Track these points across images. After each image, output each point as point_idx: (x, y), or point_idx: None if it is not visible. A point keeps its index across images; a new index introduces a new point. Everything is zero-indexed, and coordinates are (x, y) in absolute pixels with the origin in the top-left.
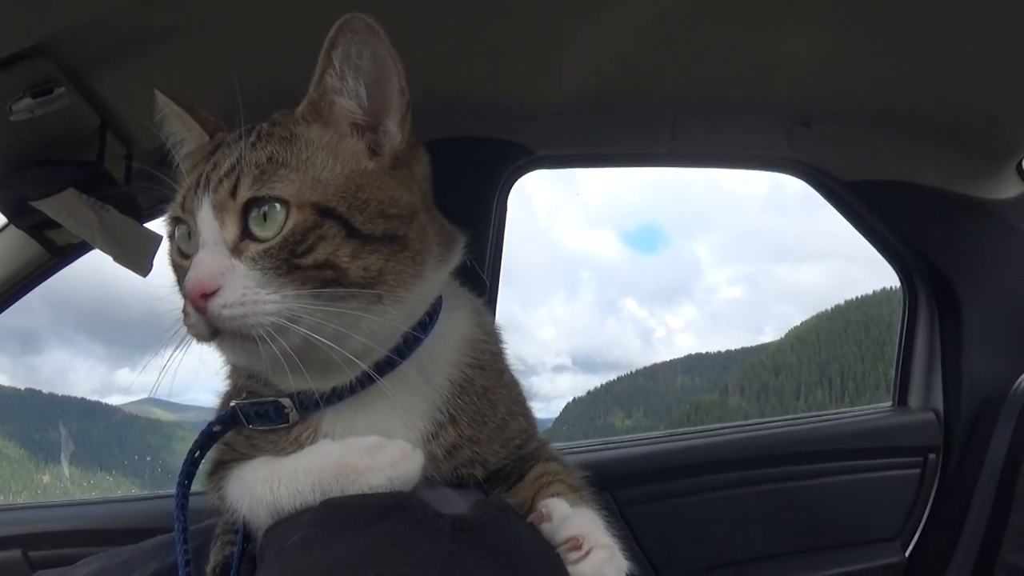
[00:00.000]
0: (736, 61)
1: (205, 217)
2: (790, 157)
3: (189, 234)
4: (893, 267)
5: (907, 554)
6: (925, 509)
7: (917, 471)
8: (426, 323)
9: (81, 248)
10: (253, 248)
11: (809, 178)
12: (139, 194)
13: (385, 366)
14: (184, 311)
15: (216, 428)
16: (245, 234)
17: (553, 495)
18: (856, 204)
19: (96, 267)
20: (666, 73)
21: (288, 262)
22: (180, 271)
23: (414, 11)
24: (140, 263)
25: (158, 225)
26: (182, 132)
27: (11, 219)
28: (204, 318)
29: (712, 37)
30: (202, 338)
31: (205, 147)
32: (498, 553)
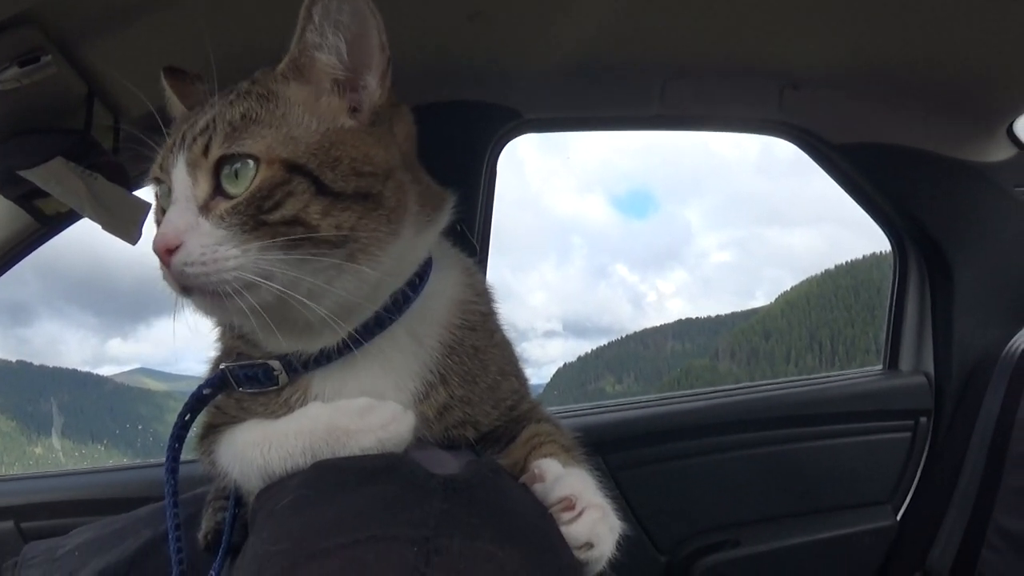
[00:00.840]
0: (726, 24)
1: (179, 175)
2: (780, 120)
3: (169, 192)
4: (884, 231)
5: (898, 517)
6: (916, 472)
7: (908, 435)
8: (416, 284)
9: (70, 217)
10: (223, 205)
11: (800, 141)
12: (127, 162)
13: (374, 327)
14: (159, 266)
15: (206, 391)
16: (218, 191)
17: (545, 456)
18: (847, 168)
19: (86, 237)
20: (656, 36)
21: (255, 218)
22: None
23: None
24: (129, 231)
25: (147, 193)
26: (173, 113)
27: None
28: (170, 274)
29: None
30: (176, 291)
31: (184, 114)
32: (491, 513)
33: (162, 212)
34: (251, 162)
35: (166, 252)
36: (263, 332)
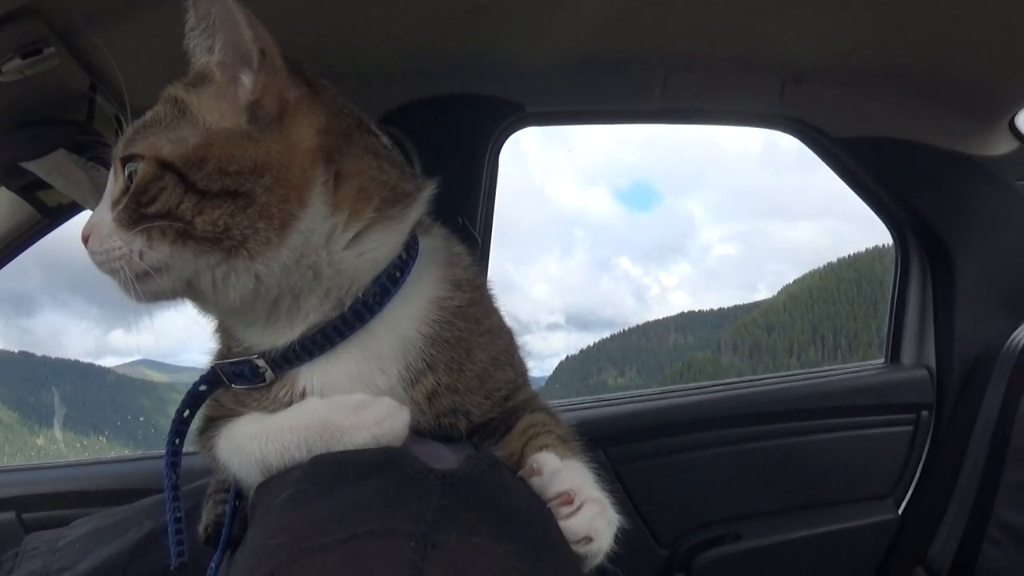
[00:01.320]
0: (728, 17)
1: (109, 176)
2: (782, 114)
3: None
4: (886, 224)
5: (900, 511)
6: (918, 466)
7: (910, 428)
8: (396, 277)
9: (72, 209)
10: (123, 200)
11: (802, 135)
12: None
13: (352, 320)
14: None
15: (202, 388)
16: (128, 189)
17: (542, 447)
18: (849, 161)
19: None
20: (658, 29)
21: (136, 211)
22: None
23: None
24: None
25: None
26: None
27: (1, 180)
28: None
29: None
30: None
31: None
32: (489, 508)
33: None
34: (142, 162)
35: (84, 241)
36: (235, 319)
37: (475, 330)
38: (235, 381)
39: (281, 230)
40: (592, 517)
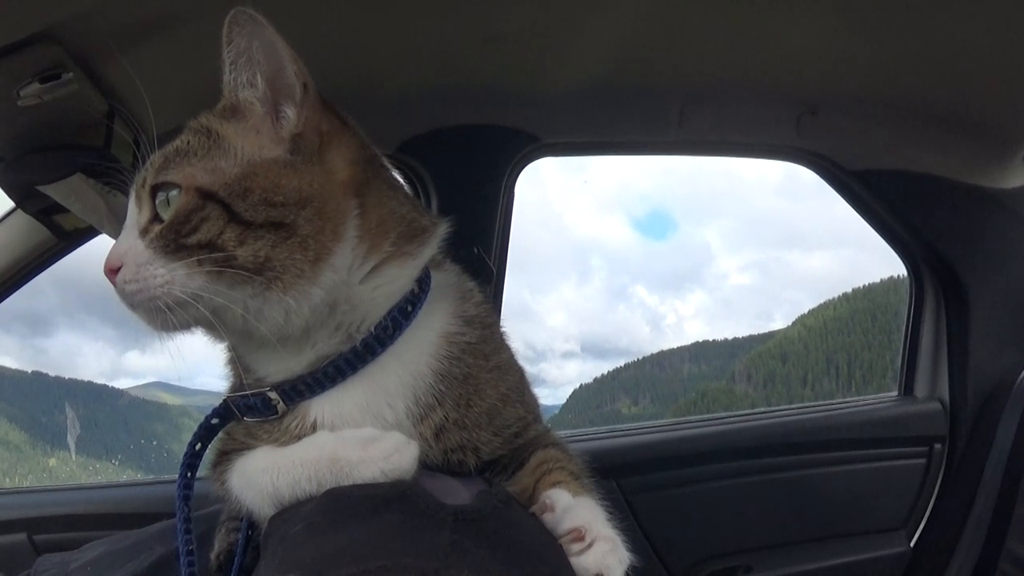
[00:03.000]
0: (744, 49)
1: (131, 204)
2: (797, 146)
3: None
4: (900, 256)
5: (912, 544)
6: (930, 499)
7: (923, 461)
8: (408, 311)
9: (88, 233)
10: (155, 229)
11: (816, 167)
12: None
13: (364, 353)
14: None
15: (214, 421)
16: (156, 218)
17: (554, 483)
18: (863, 193)
19: (106, 248)
20: (673, 60)
21: (175, 241)
22: None
23: None
24: None
25: None
26: None
27: (19, 204)
28: (116, 292)
29: (720, 24)
30: (128, 309)
31: None
32: (500, 544)
33: None
34: (176, 190)
35: (111, 272)
36: (250, 350)
37: (484, 366)
38: (247, 414)
39: (315, 263)
40: (603, 554)
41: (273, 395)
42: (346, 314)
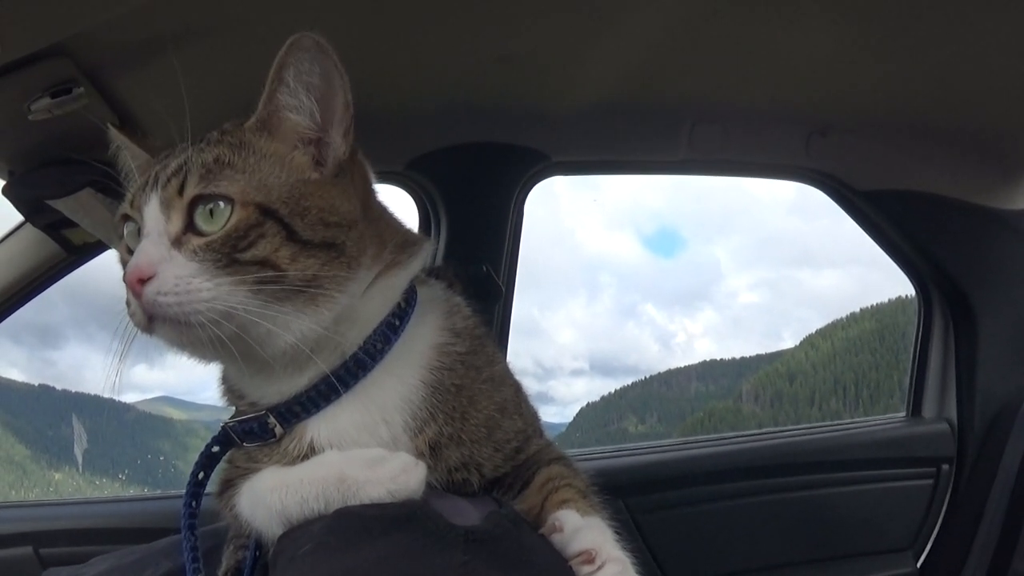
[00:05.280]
0: (753, 69)
1: (151, 211)
2: (807, 166)
3: (138, 232)
4: (908, 277)
5: (919, 564)
6: (938, 520)
7: (930, 482)
8: (396, 326)
9: (97, 247)
10: (195, 241)
11: (825, 187)
12: None
13: (356, 370)
14: (127, 300)
15: (215, 449)
16: (189, 228)
17: (562, 502)
18: (872, 214)
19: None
20: (683, 80)
21: (229, 255)
22: (126, 266)
23: (432, 17)
24: None
25: None
26: (131, 163)
27: (28, 217)
28: (140, 304)
29: (729, 45)
30: (140, 325)
31: (157, 158)
32: (510, 565)
33: (127, 250)
34: (223, 203)
35: (138, 282)
36: (243, 374)
37: (477, 378)
38: (246, 439)
39: (353, 280)
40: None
41: (271, 419)
42: (347, 330)
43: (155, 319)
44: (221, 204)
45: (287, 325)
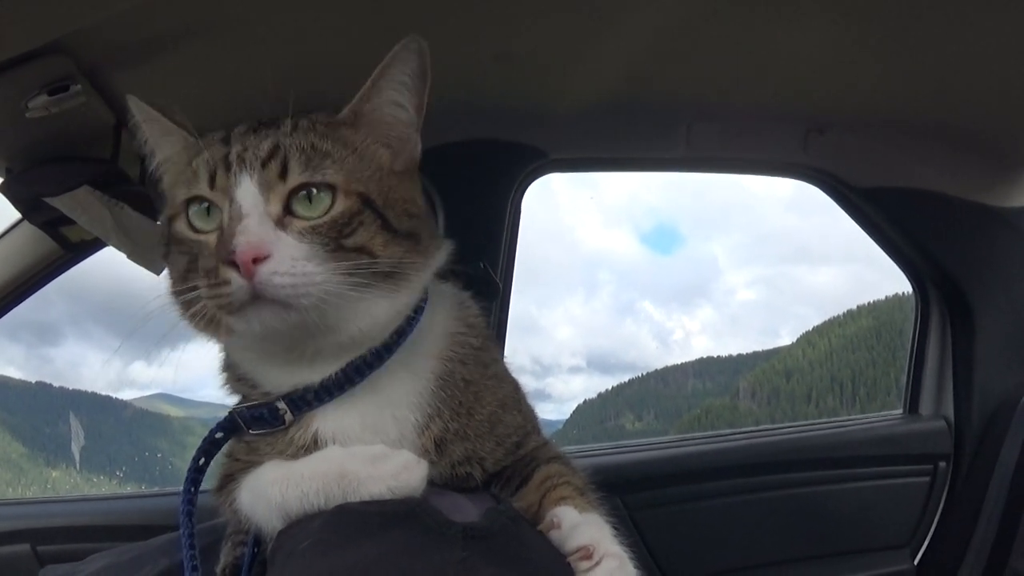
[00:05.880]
0: (752, 67)
1: (246, 193)
2: (804, 164)
3: (207, 211)
4: (905, 274)
5: (916, 562)
6: (935, 517)
7: (927, 479)
8: (412, 318)
9: (95, 245)
10: (299, 224)
11: (823, 185)
12: (153, 193)
13: (373, 361)
14: (216, 279)
15: (218, 435)
16: (287, 211)
17: (560, 499)
18: (869, 211)
19: (115, 260)
20: (682, 78)
21: (336, 241)
22: (191, 246)
23: (430, 14)
24: (154, 261)
25: None
26: (157, 137)
27: (25, 215)
28: (250, 284)
29: (728, 43)
30: (233, 307)
31: (208, 140)
32: (509, 562)
33: (192, 230)
34: (328, 191)
35: (252, 261)
36: (263, 363)
37: (484, 373)
38: (253, 425)
39: (422, 269)
40: (611, 571)
41: (281, 405)
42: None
43: (260, 299)
44: (323, 192)
45: (368, 310)
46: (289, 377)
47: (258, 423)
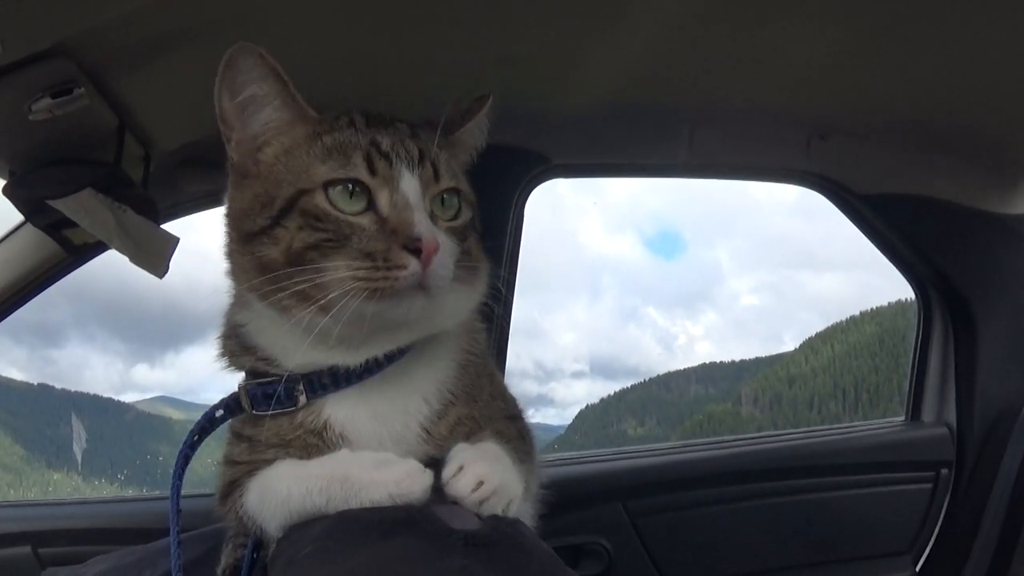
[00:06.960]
0: (754, 73)
1: (412, 188)
2: (807, 170)
3: (351, 195)
4: (908, 281)
5: (918, 569)
6: (936, 524)
7: (929, 486)
8: None
9: (97, 247)
10: (444, 224)
11: (825, 191)
12: (156, 196)
13: (396, 353)
14: (389, 262)
15: (218, 413)
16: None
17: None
18: (872, 217)
19: (118, 262)
20: (684, 84)
21: (460, 243)
22: (332, 224)
23: (433, 19)
24: (156, 265)
25: (174, 226)
26: (268, 95)
27: (28, 217)
28: (424, 272)
29: (730, 49)
30: (394, 290)
31: (333, 123)
32: (510, 570)
33: (335, 207)
34: (457, 196)
35: (429, 255)
36: (299, 342)
37: (484, 367)
38: (262, 404)
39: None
40: (476, 474)
41: (299, 386)
42: None
43: (426, 289)
44: (454, 196)
45: (461, 304)
46: (323, 358)
47: (267, 402)
